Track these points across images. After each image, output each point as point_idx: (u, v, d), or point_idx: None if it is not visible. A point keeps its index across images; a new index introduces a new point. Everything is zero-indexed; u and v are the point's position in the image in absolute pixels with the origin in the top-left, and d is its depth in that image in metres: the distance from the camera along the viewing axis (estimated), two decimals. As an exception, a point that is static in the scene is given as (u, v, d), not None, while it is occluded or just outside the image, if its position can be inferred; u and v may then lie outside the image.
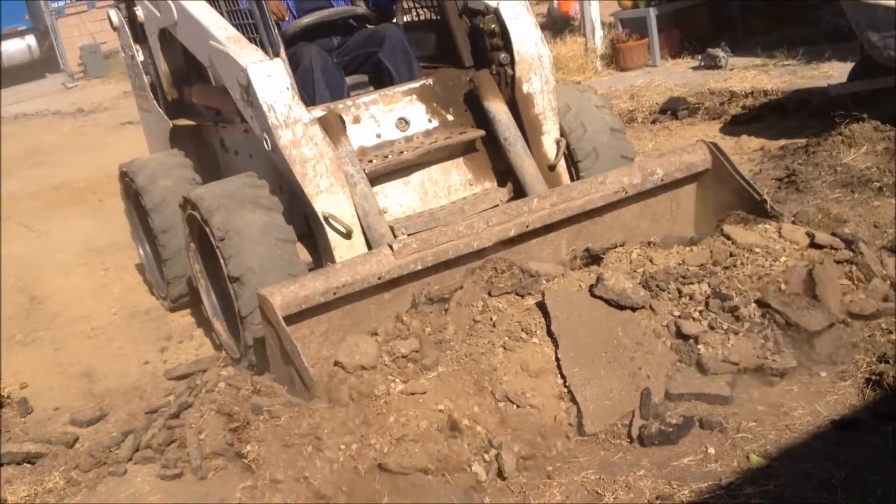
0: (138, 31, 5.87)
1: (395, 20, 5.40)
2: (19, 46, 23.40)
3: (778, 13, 10.51)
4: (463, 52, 4.85)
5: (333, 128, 4.27)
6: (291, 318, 3.54)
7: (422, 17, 5.48)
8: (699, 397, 3.39)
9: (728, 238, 3.92)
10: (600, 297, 3.52)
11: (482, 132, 4.62)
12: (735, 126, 7.44)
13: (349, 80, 4.93)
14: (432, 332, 3.55)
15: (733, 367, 3.44)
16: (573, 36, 12.10)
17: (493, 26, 4.63)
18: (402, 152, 4.48)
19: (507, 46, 4.57)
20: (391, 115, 4.55)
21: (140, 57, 5.95)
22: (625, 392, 3.37)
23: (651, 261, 3.94)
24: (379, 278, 3.69)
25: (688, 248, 3.99)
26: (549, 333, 3.46)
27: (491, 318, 3.60)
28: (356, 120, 4.47)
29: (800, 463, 3.00)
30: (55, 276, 6.70)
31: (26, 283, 6.63)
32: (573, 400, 3.34)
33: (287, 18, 5.00)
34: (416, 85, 4.67)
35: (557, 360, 3.41)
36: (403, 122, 4.55)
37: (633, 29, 10.82)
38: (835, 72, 8.00)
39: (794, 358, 3.52)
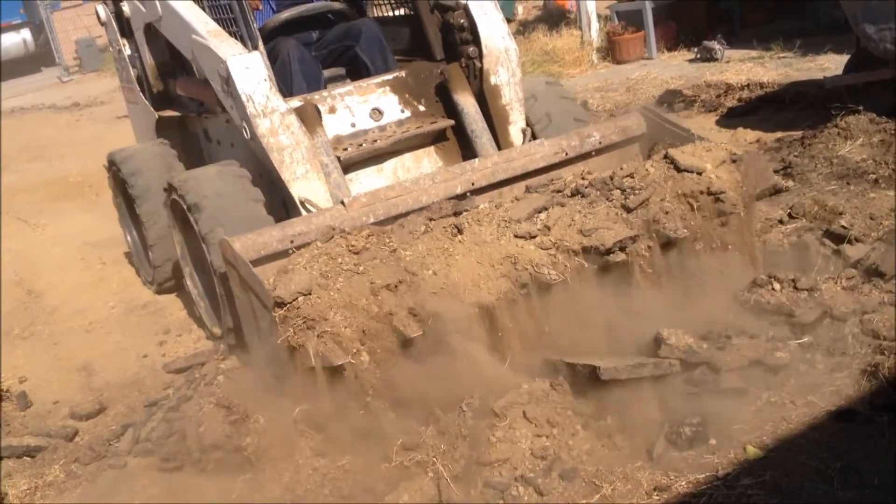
0: (125, 26, 6.03)
1: (366, 13, 5.62)
2: (14, 40, 23.36)
3: (774, 5, 10.51)
4: (434, 46, 5.05)
5: (310, 118, 4.42)
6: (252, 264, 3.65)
7: (396, 13, 5.68)
8: (715, 394, 3.38)
9: (669, 160, 4.00)
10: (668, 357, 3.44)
11: (452, 122, 4.78)
12: (731, 118, 7.46)
13: (327, 72, 5.11)
14: (372, 234, 3.63)
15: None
16: (569, 29, 12.09)
17: (462, 21, 4.80)
18: (375, 141, 4.65)
19: (476, 40, 4.73)
20: (365, 105, 4.72)
21: (127, 51, 6.11)
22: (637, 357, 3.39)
23: (582, 177, 4.10)
24: (333, 229, 3.78)
25: (619, 167, 4.11)
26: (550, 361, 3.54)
27: (430, 231, 3.78)
28: (332, 110, 4.64)
29: (796, 453, 3.02)
30: (53, 270, 6.70)
31: (24, 278, 6.64)
32: (582, 369, 3.39)
33: (261, 7, 5.20)
34: (389, 77, 4.84)
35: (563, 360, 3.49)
36: (377, 112, 4.72)
37: (629, 22, 10.82)
38: (831, 64, 8.01)
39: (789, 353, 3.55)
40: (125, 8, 5.83)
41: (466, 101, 4.73)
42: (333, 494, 3.21)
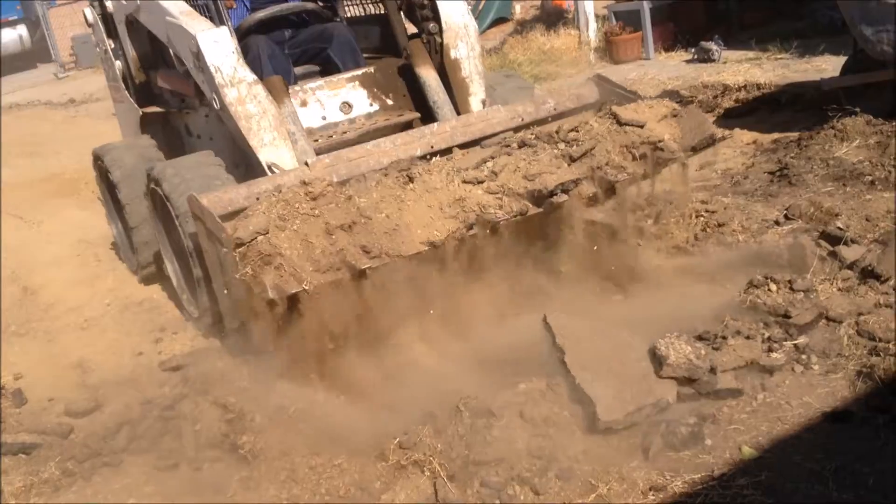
0: (111, 27, 6.27)
1: (339, 13, 5.82)
2: (11, 37, 23.30)
3: (772, 6, 10.53)
4: (402, 44, 5.24)
5: (277, 90, 4.63)
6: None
7: (367, 12, 5.92)
8: (711, 395, 3.41)
9: (612, 115, 4.23)
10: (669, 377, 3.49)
11: (418, 115, 4.98)
12: (728, 119, 7.45)
13: (300, 69, 5.31)
14: (330, 184, 3.79)
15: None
16: (567, 29, 12.09)
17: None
18: (345, 132, 4.85)
19: (436, 17, 4.97)
20: (335, 99, 4.94)
21: (112, 46, 6.35)
22: (637, 389, 3.39)
23: (530, 132, 4.31)
24: (279, 186, 3.93)
25: (563, 121, 4.33)
26: (554, 346, 3.60)
27: (384, 181, 3.97)
28: (303, 104, 4.85)
29: (792, 454, 3.03)
30: (48, 266, 6.68)
31: (19, 274, 6.61)
32: (583, 397, 3.39)
33: (235, 6, 5.39)
34: (358, 73, 5.07)
35: (564, 363, 3.52)
36: (347, 106, 4.95)
37: (626, 22, 10.82)
38: (828, 66, 8.02)
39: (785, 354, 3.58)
40: (108, 4, 6.08)
41: (428, 75, 4.95)
42: (330, 493, 3.21)
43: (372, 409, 3.65)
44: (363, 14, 5.95)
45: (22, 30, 23.63)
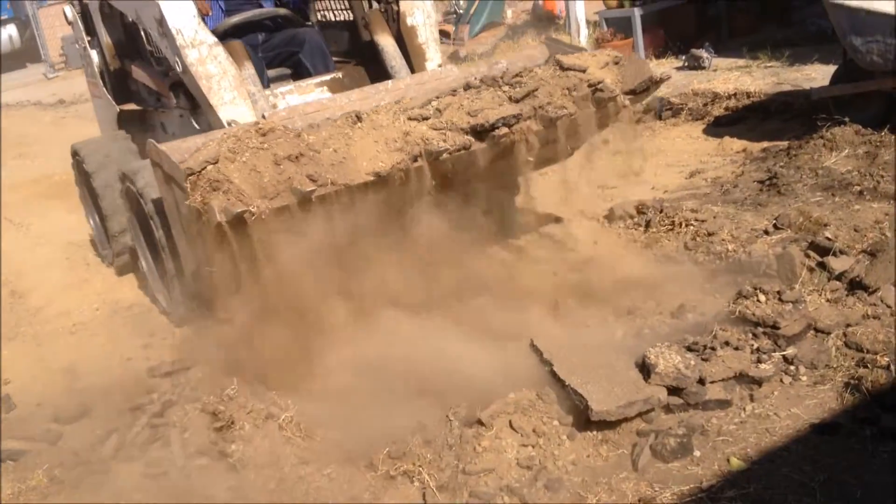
0: (90, 24, 6.41)
1: (310, 19, 6.04)
2: (1, 36, 23.22)
3: (762, 12, 10.57)
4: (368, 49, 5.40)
5: (237, 54, 4.82)
6: None
7: (337, 18, 6.10)
8: (699, 406, 3.43)
9: (555, 62, 4.43)
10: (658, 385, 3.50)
11: None
12: (718, 127, 7.49)
13: (273, 72, 5.47)
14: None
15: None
16: (558, 34, 12.11)
17: None
18: None
19: None
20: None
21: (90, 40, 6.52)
22: (627, 389, 3.41)
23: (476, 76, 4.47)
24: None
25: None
26: (543, 361, 3.65)
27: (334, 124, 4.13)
28: (274, 107, 4.93)
29: (780, 466, 3.05)
30: (37, 270, 6.66)
31: (7, 278, 6.58)
32: (574, 397, 3.41)
33: (211, 13, 5.50)
34: (327, 77, 5.25)
35: (553, 373, 3.55)
36: None
37: (617, 28, 10.83)
38: (818, 74, 8.05)
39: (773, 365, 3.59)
40: None
41: (386, 42, 5.15)
42: (318, 503, 3.20)
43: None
44: (334, 20, 6.12)
45: (12, 29, 23.59)
